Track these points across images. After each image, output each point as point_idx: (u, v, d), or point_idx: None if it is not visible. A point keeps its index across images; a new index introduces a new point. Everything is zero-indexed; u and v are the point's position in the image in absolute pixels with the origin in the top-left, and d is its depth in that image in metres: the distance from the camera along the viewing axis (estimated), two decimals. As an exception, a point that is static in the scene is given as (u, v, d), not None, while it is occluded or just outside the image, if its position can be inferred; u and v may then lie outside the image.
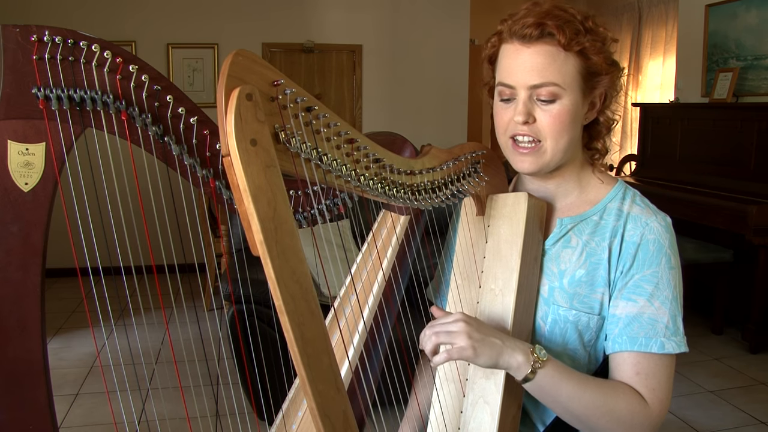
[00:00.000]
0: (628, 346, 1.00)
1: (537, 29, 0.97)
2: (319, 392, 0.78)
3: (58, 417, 1.24)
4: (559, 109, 0.99)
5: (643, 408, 0.98)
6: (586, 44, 0.98)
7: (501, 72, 1.03)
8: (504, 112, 1.04)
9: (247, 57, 0.74)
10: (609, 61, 1.02)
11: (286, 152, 0.80)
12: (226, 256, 3.34)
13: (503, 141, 1.06)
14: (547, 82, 0.98)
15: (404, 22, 5.51)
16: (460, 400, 1.07)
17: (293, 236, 0.76)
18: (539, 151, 1.02)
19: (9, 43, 0.72)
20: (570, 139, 1.02)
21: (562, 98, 0.99)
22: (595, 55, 0.99)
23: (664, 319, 1.00)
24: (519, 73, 0.99)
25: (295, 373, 1.09)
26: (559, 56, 0.98)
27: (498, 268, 1.10)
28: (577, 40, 0.97)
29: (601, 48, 1.00)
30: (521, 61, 0.99)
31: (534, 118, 1.00)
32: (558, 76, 0.98)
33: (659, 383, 0.99)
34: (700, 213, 3.78)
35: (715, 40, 4.45)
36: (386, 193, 0.94)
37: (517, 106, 1.01)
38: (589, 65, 1.00)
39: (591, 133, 1.10)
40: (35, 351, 0.77)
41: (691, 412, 2.90)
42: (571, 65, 0.99)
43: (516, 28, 0.99)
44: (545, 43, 0.97)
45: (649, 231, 1.03)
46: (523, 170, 1.06)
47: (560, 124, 1.00)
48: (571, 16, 0.99)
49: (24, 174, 0.75)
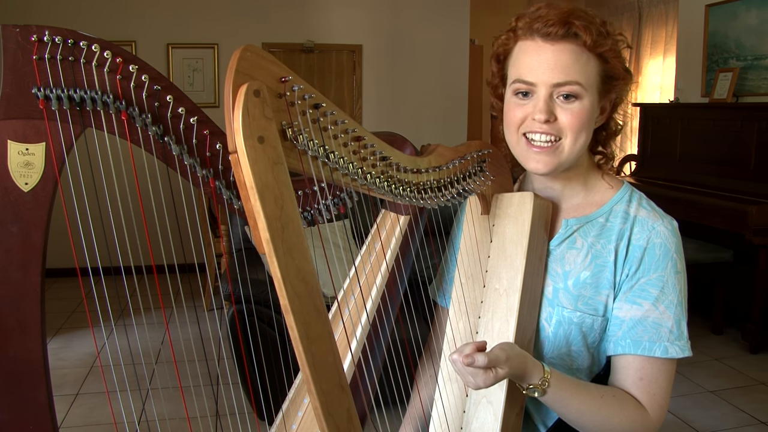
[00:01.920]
0: (632, 350, 1.00)
1: (563, 27, 0.96)
2: (324, 391, 0.78)
3: (58, 417, 1.24)
4: (580, 107, 0.99)
5: (642, 420, 0.99)
6: (607, 47, 0.98)
7: (519, 68, 1.01)
8: (518, 109, 1.02)
9: (255, 53, 0.73)
10: (624, 67, 1.03)
11: (293, 149, 0.79)
12: (226, 256, 3.34)
13: (514, 138, 1.05)
14: (571, 81, 0.97)
15: (404, 22, 5.50)
16: (463, 400, 1.07)
17: (299, 235, 0.75)
18: (557, 150, 1.01)
19: (9, 43, 0.72)
20: (586, 139, 1.02)
21: (583, 98, 0.98)
22: (613, 59, 1.00)
23: (669, 324, 1.00)
24: (541, 71, 0.98)
25: (295, 373, 1.09)
26: (582, 56, 0.97)
27: (502, 268, 1.10)
28: (600, 42, 0.97)
29: (619, 53, 1.01)
30: (544, 58, 0.98)
31: (555, 117, 0.99)
32: (581, 76, 0.97)
33: (660, 388, 1.00)
34: (700, 213, 3.78)
35: (715, 40, 4.45)
36: (392, 191, 0.94)
37: (538, 103, 0.99)
38: (607, 69, 1.00)
39: (597, 138, 1.10)
40: (35, 351, 0.77)
41: (691, 412, 2.90)
42: (593, 66, 0.99)
43: (538, 25, 0.98)
44: (570, 42, 0.97)
45: (655, 235, 1.02)
46: (536, 170, 1.04)
47: (580, 122, 0.99)
48: (592, 18, 0.99)
49: (24, 174, 0.75)
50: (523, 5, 6.89)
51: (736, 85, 4.19)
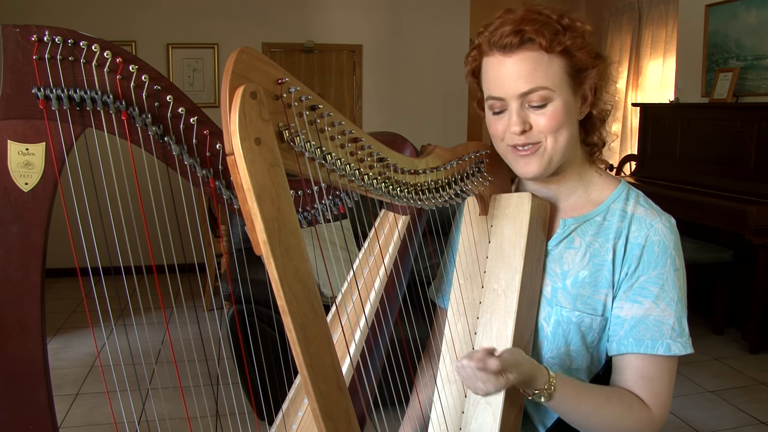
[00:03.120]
0: (634, 348, 1.00)
1: (516, 37, 0.96)
2: (321, 392, 0.78)
3: (58, 417, 1.24)
4: (553, 110, 0.99)
5: (648, 420, 0.99)
6: (567, 43, 0.97)
7: (488, 85, 1.02)
8: (497, 124, 1.03)
9: (252, 55, 0.73)
10: (593, 55, 1.01)
11: (290, 151, 0.79)
12: (226, 256, 3.34)
13: (502, 149, 1.06)
14: (536, 87, 0.97)
15: (404, 22, 5.51)
16: (461, 401, 1.07)
17: (297, 236, 0.76)
18: (539, 151, 1.01)
19: (9, 43, 0.72)
20: (569, 135, 1.02)
21: (553, 100, 0.98)
22: (578, 51, 0.98)
23: (670, 321, 1.00)
24: (506, 84, 0.98)
25: (295, 373, 1.09)
26: (543, 60, 0.97)
27: (501, 269, 1.10)
28: (558, 40, 0.96)
29: (583, 43, 0.99)
30: (506, 71, 0.98)
31: (530, 125, 1.00)
32: (546, 80, 0.97)
33: (663, 387, 1.00)
34: (700, 213, 3.78)
35: (715, 40, 4.45)
36: (390, 192, 0.94)
37: (511, 117, 1.00)
38: (574, 62, 0.99)
39: (586, 127, 1.09)
40: (35, 351, 0.77)
41: (691, 412, 2.90)
42: (557, 66, 0.98)
43: (494, 39, 0.98)
44: (527, 49, 0.96)
45: (653, 232, 1.03)
46: (527, 174, 1.04)
47: (557, 122, 0.99)
48: (547, 18, 0.98)
49: (24, 174, 0.75)
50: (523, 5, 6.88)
51: (736, 85, 4.19)
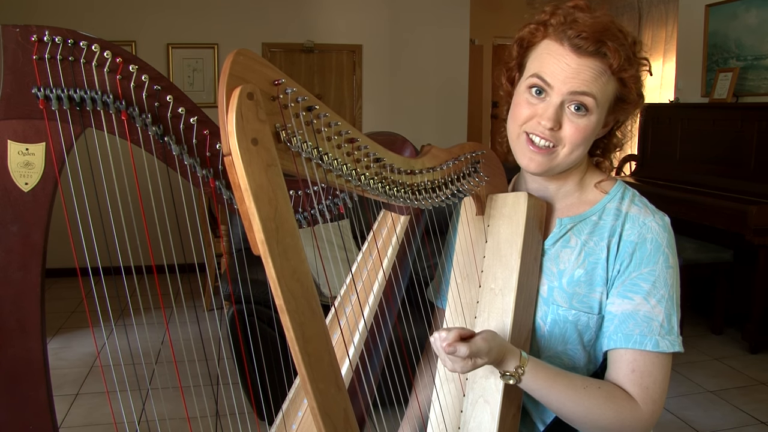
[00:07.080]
0: (623, 343, 1.00)
1: (594, 45, 0.96)
2: (320, 391, 0.78)
3: (58, 417, 1.24)
4: (587, 123, 1.00)
5: (632, 413, 0.98)
6: (630, 74, 0.99)
7: (541, 66, 1.01)
8: (527, 107, 1.02)
9: (248, 56, 0.74)
10: (639, 93, 1.03)
11: (286, 151, 0.80)
12: (226, 256, 3.34)
13: (516, 132, 1.05)
14: (589, 93, 0.98)
15: (404, 22, 5.50)
16: (460, 400, 1.07)
17: (294, 235, 0.76)
18: (552, 154, 1.02)
19: (9, 43, 0.72)
20: (582, 152, 1.04)
21: (592, 113, 0.99)
22: (632, 84, 1.00)
23: (660, 318, 1.00)
24: (562, 77, 0.98)
25: (294, 373, 1.09)
26: (604, 75, 0.98)
27: (498, 268, 1.10)
28: (625, 67, 0.98)
29: (638, 79, 1.02)
30: (568, 66, 0.98)
31: (560, 126, 1.00)
32: (598, 92, 0.98)
33: (654, 382, 0.99)
34: (700, 213, 3.78)
35: (715, 40, 4.45)
36: (386, 192, 0.95)
37: (547, 109, 1.00)
38: (623, 93, 1.01)
39: (597, 143, 1.11)
40: (35, 351, 0.77)
41: (691, 412, 2.90)
42: (611, 87, 1.00)
43: (571, 32, 0.97)
44: (597, 59, 0.97)
45: (646, 230, 1.03)
46: (528, 168, 1.05)
47: (582, 138, 1.01)
48: (624, 39, 0.99)
49: (24, 174, 0.75)
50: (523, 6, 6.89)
51: (736, 85, 4.19)
